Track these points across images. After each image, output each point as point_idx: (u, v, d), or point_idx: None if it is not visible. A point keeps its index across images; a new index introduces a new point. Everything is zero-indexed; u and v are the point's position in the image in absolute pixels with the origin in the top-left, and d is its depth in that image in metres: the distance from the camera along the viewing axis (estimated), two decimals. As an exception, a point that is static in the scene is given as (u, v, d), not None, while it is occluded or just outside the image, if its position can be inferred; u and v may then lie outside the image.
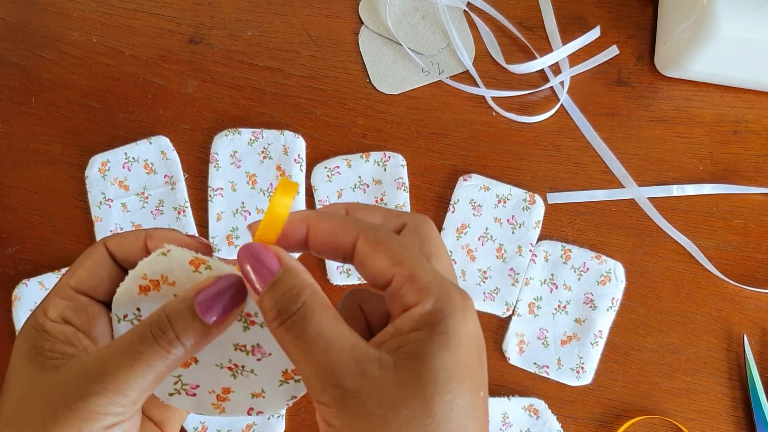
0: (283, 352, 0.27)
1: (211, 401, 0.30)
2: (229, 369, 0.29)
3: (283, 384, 0.29)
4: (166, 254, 0.27)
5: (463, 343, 0.24)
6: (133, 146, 0.57)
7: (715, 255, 0.57)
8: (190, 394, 0.30)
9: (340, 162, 0.57)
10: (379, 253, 0.26)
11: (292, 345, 0.24)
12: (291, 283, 0.25)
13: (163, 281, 0.28)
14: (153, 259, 0.28)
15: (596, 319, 0.55)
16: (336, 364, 0.23)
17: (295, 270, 0.26)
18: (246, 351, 0.29)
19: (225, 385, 0.29)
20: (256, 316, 0.28)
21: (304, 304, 0.24)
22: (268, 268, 0.25)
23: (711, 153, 0.58)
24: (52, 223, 0.57)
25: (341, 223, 0.27)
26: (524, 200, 0.57)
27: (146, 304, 0.28)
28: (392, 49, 0.60)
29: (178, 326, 0.25)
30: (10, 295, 0.55)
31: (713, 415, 0.55)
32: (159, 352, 0.25)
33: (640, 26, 0.60)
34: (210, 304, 0.26)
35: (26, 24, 0.60)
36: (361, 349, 0.24)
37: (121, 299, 0.28)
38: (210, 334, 0.26)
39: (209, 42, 0.60)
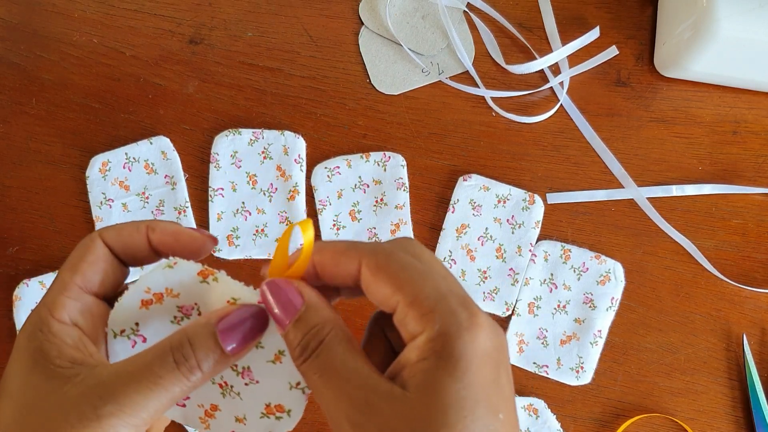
0: (271, 384, 0.27)
1: (199, 415, 0.29)
2: (219, 386, 0.29)
3: (263, 417, 0.28)
4: (173, 267, 0.27)
5: (473, 366, 0.23)
6: (133, 146, 0.57)
7: (715, 255, 0.57)
8: (180, 404, 0.29)
9: (341, 162, 0.57)
10: (381, 280, 0.25)
11: (314, 379, 0.25)
12: (313, 320, 0.25)
13: (167, 294, 0.28)
14: (159, 272, 0.27)
15: (596, 318, 0.55)
16: (349, 399, 0.23)
17: (316, 306, 0.26)
18: (236, 371, 0.28)
19: (214, 401, 0.29)
20: None
21: (324, 340, 0.25)
22: (292, 304, 0.26)
23: (710, 153, 0.58)
24: (53, 223, 0.58)
25: (343, 250, 0.26)
26: (524, 200, 0.57)
27: (146, 318, 0.28)
28: (392, 49, 0.60)
29: (200, 353, 0.25)
30: (11, 295, 0.55)
31: (712, 415, 0.55)
32: (178, 378, 0.25)
33: (640, 27, 0.60)
34: (231, 331, 0.26)
35: (27, 24, 0.61)
36: (374, 383, 0.23)
37: (119, 314, 0.28)
38: (227, 363, 0.26)
39: (210, 42, 0.60)
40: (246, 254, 0.57)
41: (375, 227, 0.57)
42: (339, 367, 0.24)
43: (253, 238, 0.57)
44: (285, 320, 0.25)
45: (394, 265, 0.25)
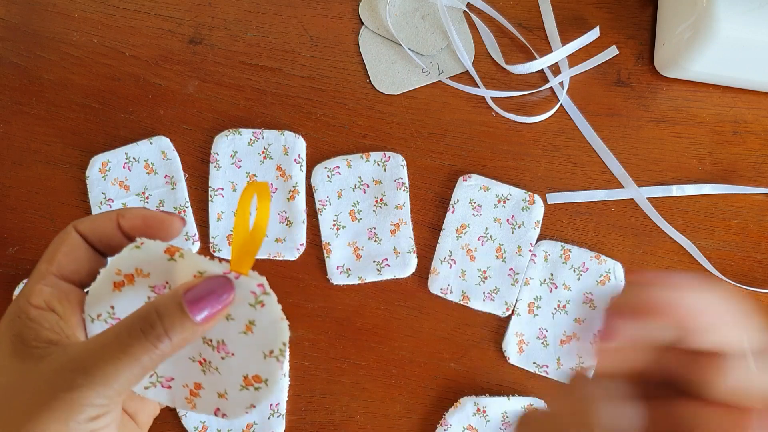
0: (245, 355, 0.27)
1: (185, 395, 0.30)
2: (199, 363, 0.29)
3: (243, 389, 0.28)
4: (140, 247, 0.28)
5: None
6: (133, 146, 0.57)
7: (715, 255, 0.57)
8: (165, 386, 0.30)
9: (340, 162, 0.57)
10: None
11: None
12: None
13: (138, 274, 0.28)
14: (126, 253, 0.28)
15: (596, 318, 0.55)
16: None
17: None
18: (212, 346, 0.28)
19: (197, 380, 0.29)
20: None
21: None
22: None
23: (710, 153, 0.58)
24: (53, 224, 0.58)
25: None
26: (524, 200, 0.57)
27: (120, 300, 0.28)
28: (392, 49, 0.60)
29: (167, 321, 0.26)
30: (11, 295, 0.55)
31: (712, 415, 0.55)
32: (147, 347, 0.25)
33: (640, 27, 0.60)
34: (198, 301, 0.26)
35: (27, 24, 0.61)
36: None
37: (94, 298, 0.28)
38: (196, 332, 0.26)
39: (210, 42, 0.60)
40: (246, 254, 0.57)
41: (375, 227, 0.57)
42: None
43: (253, 238, 0.57)
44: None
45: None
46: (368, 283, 0.57)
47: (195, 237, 0.57)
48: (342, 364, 0.55)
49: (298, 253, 0.57)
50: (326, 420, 0.55)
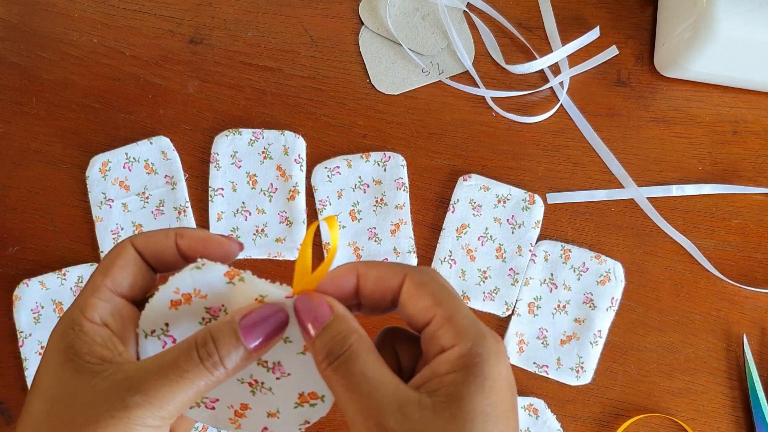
0: (302, 374, 0.28)
1: (229, 416, 0.30)
2: (249, 384, 0.29)
3: (297, 407, 0.29)
4: (201, 268, 0.28)
5: (497, 387, 0.25)
6: (133, 146, 0.57)
7: (715, 255, 0.57)
8: (209, 407, 0.30)
9: (341, 162, 0.57)
10: (423, 294, 0.27)
11: (338, 385, 0.26)
12: (339, 327, 0.27)
13: (195, 295, 0.28)
14: (187, 273, 0.28)
15: (596, 318, 0.55)
16: (379, 406, 0.24)
17: (344, 316, 0.27)
18: (267, 368, 0.29)
19: (243, 401, 0.30)
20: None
21: (350, 347, 0.26)
22: (321, 315, 0.27)
23: (710, 153, 0.58)
24: (53, 223, 0.58)
25: (388, 268, 0.29)
26: (524, 200, 0.57)
27: (175, 318, 0.29)
28: (392, 49, 0.60)
29: (223, 349, 0.26)
30: (11, 295, 0.55)
31: (712, 415, 0.55)
32: (203, 373, 0.26)
33: (640, 27, 0.60)
34: (253, 328, 0.27)
35: (27, 24, 0.61)
36: (403, 391, 0.25)
37: (150, 314, 0.28)
38: (251, 358, 0.27)
39: (210, 42, 0.60)
40: (246, 254, 0.57)
41: (375, 227, 0.57)
42: (367, 373, 0.25)
43: (253, 238, 0.57)
44: (312, 331, 0.27)
45: (434, 284, 0.28)
46: (368, 283, 0.57)
47: (195, 237, 0.56)
48: (342, 364, 0.55)
49: (298, 253, 0.56)
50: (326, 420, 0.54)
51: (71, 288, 0.55)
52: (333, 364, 0.26)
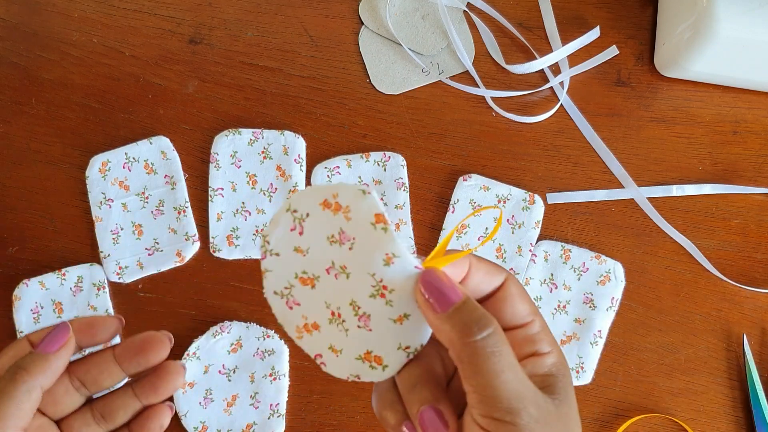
0: (382, 338, 0.30)
1: (298, 324, 0.31)
2: (331, 313, 0.30)
3: (358, 360, 0.30)
4: (365, 194, 0.29)
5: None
6: (133, 146, 0.57)
7: (715, 255, 0.57)
8: (289, 305, 0.31)
9: (340, 162, 0.57)
10: (523, 300, 0.30)
11: (473, 364, 0.27)
12: (479, 310, 0.28)
13: (345, 210, 0.29)
14: (353, 189, 0.29)
15: (596, 319, 0.55)
16: (514, 397, 0.26)
17: (475, 302, 0.29)
18: (356, 313, 0.30)
19: (318, 321, 0.31)
20: (390, 292, 0.29)
21: (494, 332, 0.27)
22: (452, 293, 0.28)
23: (710, 153, 0.58)
24: (53, 223, 0.57)
25: (494, 266, 0.31)
26: (524, 200, 0.57)
27: (316, 216, 0.30)
28: (392, 49, 0.60)
29: (24, 361, 0.32)
30: (11, 295, 0.55)
31: (713, 415, 0.55)
32: (17, 385, 0.31)
33: (640, 26, 0.60)
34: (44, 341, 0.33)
35: (26, 24, 0.60)
36: (532, 387, 0.27)
37: (309, 191, 0.30)
38: (50, 360, 0.33)
39: (209, 42, 0.60)
40: (246, 254, 0.57)
41: (375, 227, 0.57)
42: (510, 363, 0.27)
43: (253, 239, 0.57)
44: (438, 307, 0.28)
45: (528, 295, 0.31)
46: (368, 283, 0.57)
47: (195, 237, 0.56)
48: (342, 364, 0.55)
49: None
50: (326, 420, 0.55)
51: (71, 288, 0.55)
52: (476, 343, 0.27)
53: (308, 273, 0.30)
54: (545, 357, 0.29)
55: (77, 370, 0.35)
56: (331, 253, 0.30)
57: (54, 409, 0.34)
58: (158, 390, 0.35)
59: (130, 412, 0.36)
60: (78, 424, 0.35)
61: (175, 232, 0.56)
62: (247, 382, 0.54)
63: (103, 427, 0.35)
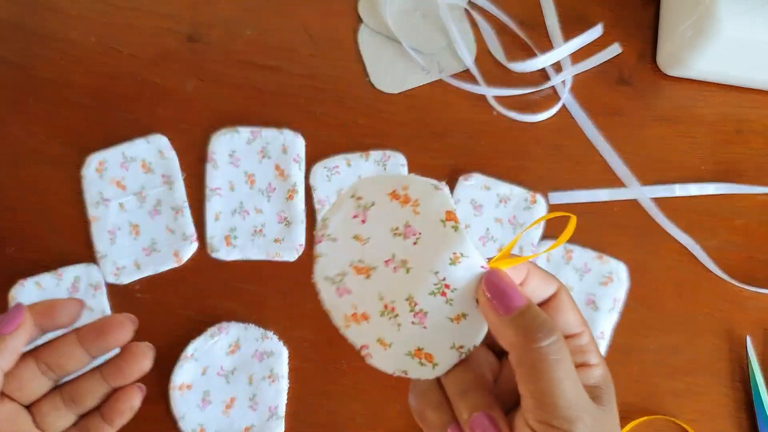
0: (435, 335, 0.29)
1: (346, 312, 0.30)
2: (384, 306, 0.30)
3: (408, 356, 0.30)
4: (438, 189, 0.29)
5: None
6: (130, 145, 0.57)
7: (718, 255, 0.56)
8: (340, 293, 0.30)
9: (340, 161, 0.57)
10: (574, 311, 0.31)
11: (536, 369, 0.27)
12: (541, 315, 0.28)
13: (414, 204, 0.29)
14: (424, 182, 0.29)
15: (598, 319, 0.55)
16: (573, 406, 0.27)
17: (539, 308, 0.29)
18: (412, 308, 0.29)
19: (368, 312, 0.30)
20: (452, 291, 0.29)
21: (558, 339, 0.28)
22: (516, 297, 0.28)
23: (713, 152, 0.58)
24: (50, 223, 0.57)
25: (548, 275, 0.32)
26: (525, 200, 0.56)
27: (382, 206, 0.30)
28: (392, 47, 0.60)
29: None
30: (6, 295, 0.55)
31: (715, 416, 0.55)
32: None
33: (642, 25, 0.60)
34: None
35: (24, 23, 0.60)
36: (588, 398, 0.28)
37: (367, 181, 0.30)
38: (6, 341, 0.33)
39: (208, 40, 0.60)
40: (244, 255, 0.56)
41: (375, 227, 0.57)
42: (571, 374, 0.27)
43: (251, 239, 0.56)
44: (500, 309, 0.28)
45: (577, 306, 0.32)
46: (368, 284, 0.56)
47: (193, 237, 0.56)
48: (341, 365, 0.55)
49: (297, 253, 0.56)
50: (325, 422, 0.54)
51: (67, 288, 0.55)
52: (544, 348, 0.27)
53: (365, 262, 0.30)
54: (594, 368, 0.30)
55: (42, 354, 0.35)
56: (393, 246, 0.29)
57: (21, 394, 0.35)
58: (124, 372, 0.35)
59: (99, 395, 0.36)
60: (47, 408, 0.35)
61: (173, 232, 0.56)
62: (245, 383, 0.53)
63: (73, 411, 0.36)
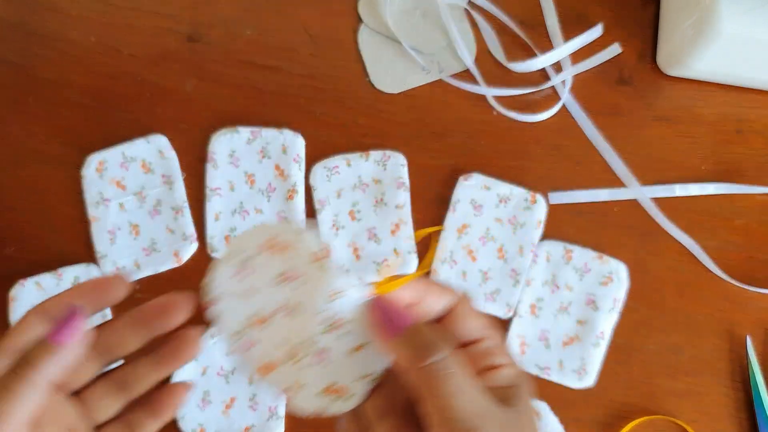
0: (342, 368, 0.30)
1: (259, 363, 0.31)
2: (289, 351, 0.30)
3: (321, 394, 0.30)
4: (300, 234, 0.29)
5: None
6: (130, 145, 0.57)
7: (718, 255, 0.56)
8: (247, 346, 0.31)
9: (340, 161, 0.57)
10: (474, 316, 0.31)
11: (429, 387, 0.27)
12: (427, 333, 0.28)
13: (283, 249, 0.30)
14: (289, 228, 0.30)
15: (598, 320, 0.55)
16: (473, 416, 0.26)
17: (425, 326, 0.29)
18: (313, 349, 0.30)
19: (277, 359, 0.30)
20: (343, 325, 0.29)
21: (446, 355, 0.27)
22: (401, 318, 0.28)
23: (714, 152, 0.58)
24: (50, 223, 0.57)
25: (445, 288, 0.32)
26: (525, 200, 0.56)
27: (259, 260, 0.30)
28: (392, 47, 0.60)
29: (30, 354, 0.29)
30: (7, 296, 0.55)
31: (716, 416, 0.55)
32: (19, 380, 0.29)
33: (642, 24, 0.60)
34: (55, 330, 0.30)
35: (24, 23, 0.60)
36: (490, 404, 0.28)
37: (240, 240, 0.30)
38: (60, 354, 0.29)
39: (208, 40, 0.60)
40: (244, 254, 0.56)
41: (375, 227, 0.56)
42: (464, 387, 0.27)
43: (251, 238, 0.56)
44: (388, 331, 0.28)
45: (479, 313, 0.32)
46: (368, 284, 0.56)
47: (193, 237, 0.56)
48: (341, 365, 0.55)
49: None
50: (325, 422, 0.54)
51: (67, 288, 0.55)
52: (428, 368, 0.27)
53: (260, 314, 0.31)
54: (502, 369, 0.30)
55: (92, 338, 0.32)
56: (281, 293, 0.30)
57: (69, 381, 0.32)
58: (179, 357, 0.34)
59: (150, 382, 0.34)
60: (96, 395, 0.33)
61: (173, 232, 0.56)
62: (245, 384, 0.53)
63: (121, 399, 0.33)
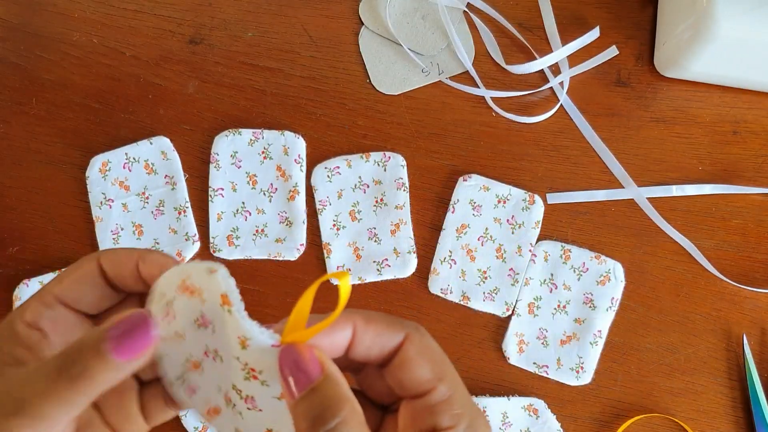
0: (275, 415, 0.26)
1: (203, 409, 0.29)
2: (224, 396, 0.28)
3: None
4: (213, 273, 0.26)
5: None
6: (133, 146, 0.57)
7: (715, 255, 0.57)
8: (189, 392, 0.29)
9: (341, 162, 0.57)
10: (424, 362, 0.26)
11: None
12: (330, 392, 0.24)
13: (199, 294, 0.27)
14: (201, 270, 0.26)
15: (596, 319, 0.55)
16: None
17: (336, 379, 0.25)
18: (240, 396, 0.27)
19: (218, 405, 0.29)
20: (260, 374, 0.26)
21: (341, 423, 0.24)
22: (310, 373, 0.24)
23: (710, 153, 0.58)
24: (53, 224, 0.58)
25: (388, 325, 0.27)
26: (524, 200, 0.57)
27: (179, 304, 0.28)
28: (392, 49, 0.60)
29: (87, 361, 0.25)
30: (11, 296, 0.55)
31: (712, 415, 0.55)
32: (68, 386, 0.25)
33: (640, 27, 0.60)
34: (120, 341, 0.25)
35: (27, 24, 0.61)
36: None
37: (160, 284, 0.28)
38: (120, 369, 0.25)
39: (210, 42, 0.60)
40: (246, 254, 0.57)
41: (375, 227, 0.57)
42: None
43: (253, 239, 0.57)
44: (295, 389, 0.24)
45: (435, 353, 0.27)
46: (368, 284, 0.57)
47: (195, 237, 0.57)
48: (342, 364, 0.55)
49: (298, 253, 0.57)
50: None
51: (71, 288, 0.55)
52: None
53: (192, 357, 0.28)
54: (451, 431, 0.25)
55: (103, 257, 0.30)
56: (202, 337, 0.28)
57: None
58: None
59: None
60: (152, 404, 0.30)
61: (176, 233, 0.56)
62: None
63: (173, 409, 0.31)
